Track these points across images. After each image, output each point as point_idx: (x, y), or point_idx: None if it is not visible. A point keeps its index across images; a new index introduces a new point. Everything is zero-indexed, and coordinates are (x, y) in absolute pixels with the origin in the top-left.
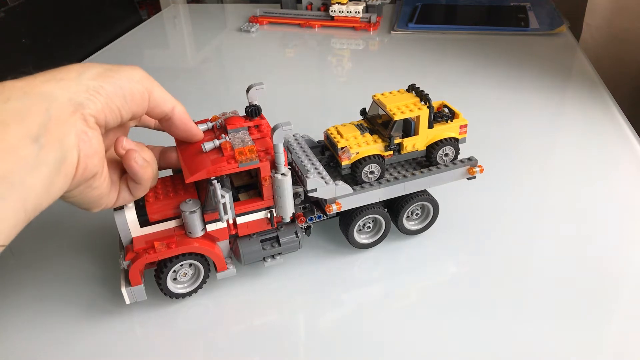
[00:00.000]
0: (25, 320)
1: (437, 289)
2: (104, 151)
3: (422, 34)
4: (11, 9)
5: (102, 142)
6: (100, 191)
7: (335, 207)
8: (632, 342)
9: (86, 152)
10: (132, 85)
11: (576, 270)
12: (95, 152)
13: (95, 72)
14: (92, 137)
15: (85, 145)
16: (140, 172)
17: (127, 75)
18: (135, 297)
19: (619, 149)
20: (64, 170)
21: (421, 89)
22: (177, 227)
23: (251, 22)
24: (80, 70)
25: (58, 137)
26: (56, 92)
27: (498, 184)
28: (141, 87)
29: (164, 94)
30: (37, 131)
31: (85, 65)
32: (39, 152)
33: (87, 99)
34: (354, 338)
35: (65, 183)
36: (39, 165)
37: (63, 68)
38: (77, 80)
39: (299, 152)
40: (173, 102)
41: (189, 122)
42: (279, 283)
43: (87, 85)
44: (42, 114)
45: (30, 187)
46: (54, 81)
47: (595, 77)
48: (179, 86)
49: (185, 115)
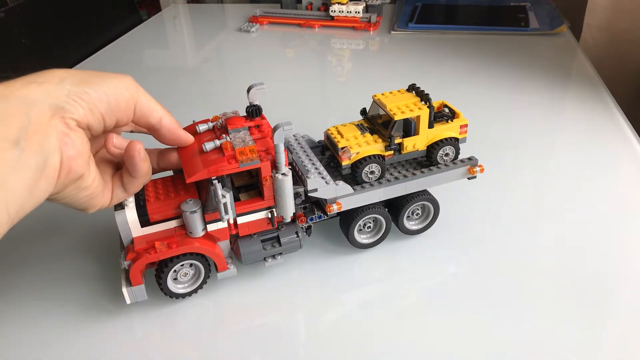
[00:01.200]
0: (26, 319)
1: (437, 288)
2: (90, 152)
3: (422, 34)
4: (11, 9)
5: (86, 144)
6: (90, 191)
7: (336, 207)
8: (632, 342)
9: (69, 154)
10: (118, 92)
11: (576, 270)
12: (79, 154)
13: (79, 78)
14: (75, 139)
15: (67, 147)
16: (140, 164)
17: (114, 83)
18: (136, 297)
19: (619, 148)
20: (46, 173)
21: (421, 88)
22: (177, 227)
23: (251, 22)
24: (63, 76)
25: (39, 140)
26: (37, 95)
27: (498, 184)
28: (127, 94)
29: (152, 104)
30: (17, 135)
31: (69, 71)
32: (20, 156)
33: (69, 104)
34: (354, 338)
35: (48, 185)
36: (21, 169)
37: (45, 72)
38: (60, 85)
39: (299, 152)
40: (160, 113)
41: (177, 132)
42: (279, 283)
43: (69, 90)
44: (22, 117)
45: (12, 191)
46: (35, 85)
47: (595, 77)
48: (179, 86)
49: (174, 125)
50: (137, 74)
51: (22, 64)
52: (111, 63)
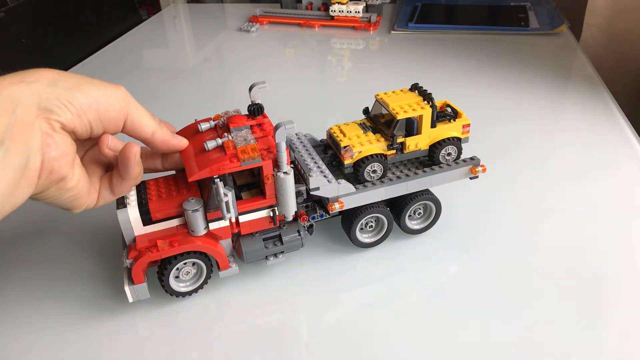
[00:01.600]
0: (28, 318)
1: (439, 288)
2: (75, 154)
3: (422, 33)
4: (11, 9)
5: (70, 145)
6: (74, 193)
7: (338, 206)
8: (632, 342)
9: (51, 155)
10: (110, 103)
11: (577, 270)
12: (61, 155)
13: (71, 82)
14: (58, 140)
15: (49, 148)
16: (134, 167)
17: (107, 92)
18: (138, 296)
19: (618, 148)
20: (27, 173)
21: (424, 88)
22: (179, 225)
23: (251, 22)
24: (55, 78)
25: (23, 141)
26: (24, 94)
27: (498, 184)
28: (118, 106)
29: (144, 118)
30: (2, 134)
31: (62, 74)
32: (4, 156)
33: (57, 107)
34: (355, 337)
35: (29, 186)
36: (3, 169)
37: (36, 71)
38: (50, 87)
39: (301, 150)
40: (152, 127)
41: (169, 143)
42: (280, 282)
43: (59, 93)
44: (8, 116)
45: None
46: (24, 84)
47: (595, 77)
48: (179, 86)
49: (167, 136)
50: (137, 74)
51: (22, 64)
52: (111, 63)
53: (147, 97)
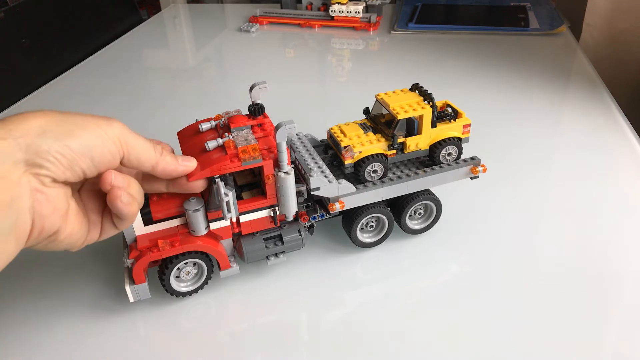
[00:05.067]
0: (29, 318)
1: (439, 288)
2: (67, 205)
3: (422, 34)
4: (11, 9)
5: (63, 197)
6: (70, 240)
7: (339, 206)
8: (632, 342)
9: (42, 212)
10: (105, 145)
11: (577, 270)
12: (53, 211)
13: (63, 128)
14: (50, 195)
15: (40, 205)
16: (125, 210)
17: (100, 134)
18: (139, 295)
19: (618, 148)
20: (15, 234)
21: (424, 88)
22: (180, 225)
23: (251, 22)
24: (45, 126)
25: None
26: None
27: (498, 183)
28: (114, 148)
29: (142, 154)
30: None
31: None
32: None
33: (48, 161)
34: (356, 337)
35: (17, 247)
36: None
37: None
38: (40, 139)
39: (302, 150)
40: (152, 161)
41: (175, 172)
42: (281, 282)
43: (49, 145)
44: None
45: None
46: (11, 139)
47: (595, 77)
48: (179, 86)
49: (170, 166)
50: (137, 74)
51: (22, 64)
52: (111, 63)
53: (147, 97)
